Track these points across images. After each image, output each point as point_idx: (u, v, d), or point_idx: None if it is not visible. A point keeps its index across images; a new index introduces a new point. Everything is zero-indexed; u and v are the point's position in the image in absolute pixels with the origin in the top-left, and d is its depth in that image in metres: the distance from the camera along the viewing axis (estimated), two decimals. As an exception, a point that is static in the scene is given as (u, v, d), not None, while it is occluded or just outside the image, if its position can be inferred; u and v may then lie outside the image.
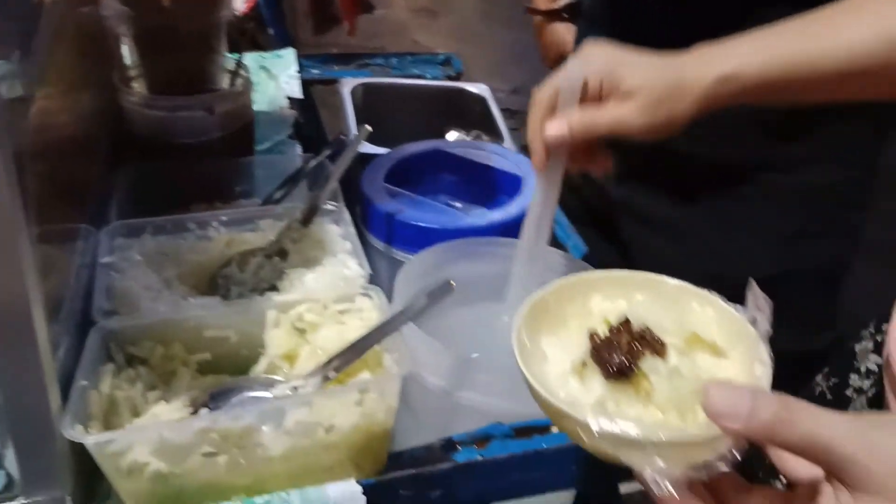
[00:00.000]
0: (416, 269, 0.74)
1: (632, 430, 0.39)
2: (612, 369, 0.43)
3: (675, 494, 0.38)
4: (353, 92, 1.13)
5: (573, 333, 0.48)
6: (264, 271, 0.70)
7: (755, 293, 0.45)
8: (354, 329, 0.63)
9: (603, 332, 0.46)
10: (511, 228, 0.82)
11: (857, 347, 0.67)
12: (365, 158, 0.93)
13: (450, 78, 1.31)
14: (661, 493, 0.39)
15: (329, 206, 0.76)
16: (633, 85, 0.61)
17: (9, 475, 0.52)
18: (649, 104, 0.61)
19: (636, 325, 0.45)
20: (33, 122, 0.57)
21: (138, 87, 0.90)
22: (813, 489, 0.39)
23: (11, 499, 0.51)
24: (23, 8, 0.56)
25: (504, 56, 3.23)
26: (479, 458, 0.59)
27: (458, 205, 0.94)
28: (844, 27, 0.62)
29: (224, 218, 0.74)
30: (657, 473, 0.39)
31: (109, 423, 0.55)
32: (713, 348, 0.46)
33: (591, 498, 0.66)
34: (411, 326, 0.63)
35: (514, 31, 3.68)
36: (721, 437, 0.39)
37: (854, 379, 0.67)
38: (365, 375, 0.60)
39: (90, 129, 0.79)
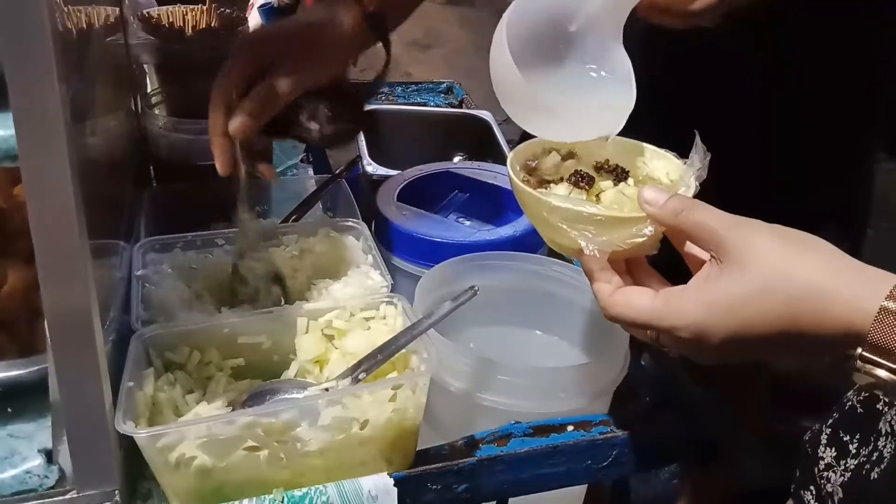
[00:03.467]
0: (433, 280, 0.78)
1: (578, 205, 0.54)
2: (574, 177, 0.59)
3: (597, 255, 0.53)
4: (363, 118, 1.18)
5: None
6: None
7: (697, 145, 0.57)
8: (380, 334, 0.66)
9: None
10: (519, 243, 0.87)
11: None
12: (377, 179, 0.97)
13: (451, 105, 1.36)
14: (588, 254, 0.53)
15: (350, 223, 0.81)
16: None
17: (62, 470, 0.55)
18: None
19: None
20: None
21: (160, 112, 0.94)
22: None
23: (64, 493, 0.54)
24: (77, 37, 0.60)
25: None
26: (501, 453, 0.63)
27: (468, 222, 0.98)
28: None
29: (250, 234, 0.78)
30: (590, 241, 0.53)
31: (154, 422, 0.58)
32: (658, 183, 0.61)
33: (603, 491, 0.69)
34: (435, 333, 0.66)
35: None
36: (643, 218, 0.53)
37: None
38: (394, 376, 0.63)
39: (119, 151, 0.83)
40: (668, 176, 0.62)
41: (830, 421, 0.69)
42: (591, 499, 0.81)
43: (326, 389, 0.61)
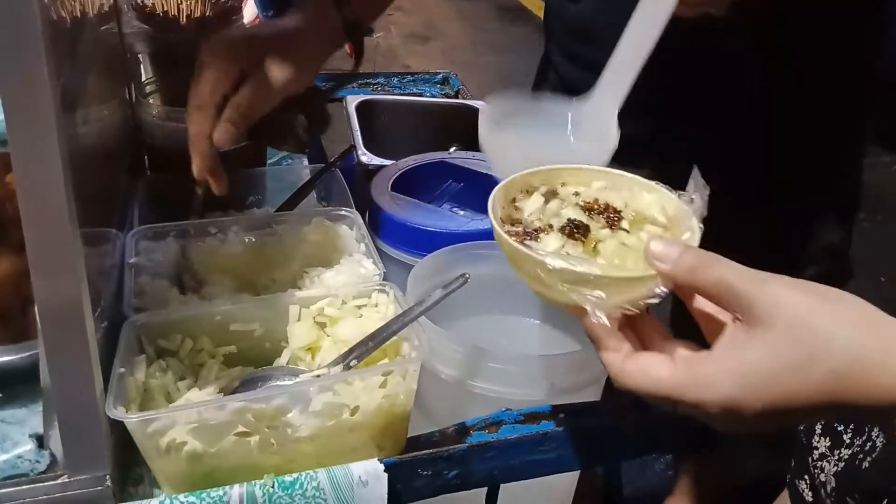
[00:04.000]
0: (426, 269, 0.78)
1: (580, 265, 0.48)
2: (568, 228, 0.52)
3: (606, 322, 0.47)
4: (359, 108, 1.18)
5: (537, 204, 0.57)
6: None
7: (696, 180, 0.53)
8: (372, 322, 0.66)
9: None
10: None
11: None
12: (372, 169, 0.97)
13: (447, 96, 1.36)
14: (596, 321, 0.47)
15: (343, 212, 0.81)
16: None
17: (53, 455, 0.55)
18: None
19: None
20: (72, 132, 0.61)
21: (154, 101, 0.94)
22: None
23: (55, 477, 0.54)
24: (70, 25, 0.60)
25: (494, 80, 3.31)
26: (492, 439, 0.63)
27: (461, 212, 0.98)
28: None
29: (244, 223, 0.78)
30: (596, 306, 0.47)
31: (145, 408, 0.58)
32: (654, 222, 0.55)
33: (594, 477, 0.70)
34: (426, 321, 0.67)
35: (503, 57, 3.77)
36: (653, 277, 0.47)
37: None
38: (385, 363, 0.63)
39: (112, 139, 0.83)
40: (663, 212, 0.56)
41: None
42: (582, 487, 0.81)
43: (318, 376, 0.61)
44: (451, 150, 1.23)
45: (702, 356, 0.46)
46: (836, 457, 0.76)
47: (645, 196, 0.57)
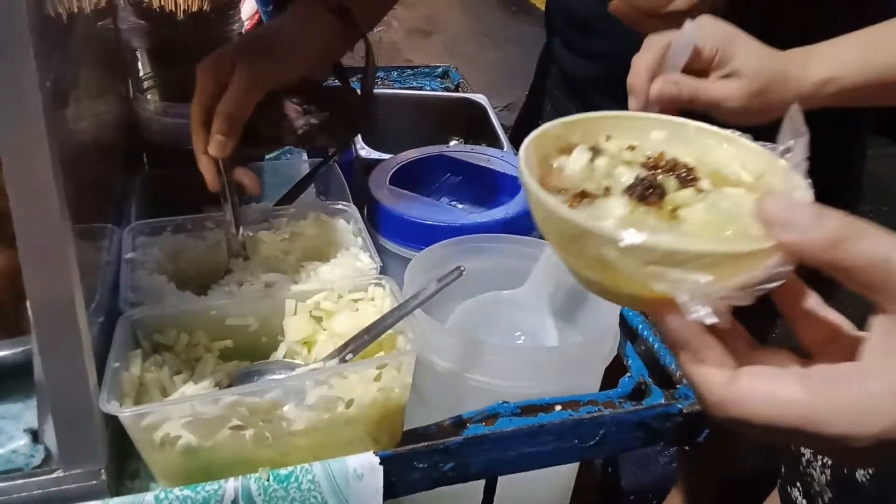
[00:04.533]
0: (424, 262, 0.78)
1: (674, 240, 0.33)
2: (638, 188, 0.39)
3: (711, 319, 0.34)
4: (357, 102, 1.17)
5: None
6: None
7: (794, 122, 0.40)
8: (368, 316, 0.66)
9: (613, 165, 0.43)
10: (511, 226, 0.86)
11: None
12: (371, 163, 0.97)
13: (447, 90, 1.36)
14: (695, 318, 0.34)
15: (340, 206, 0.81)
16: (742, 66, 0.64)
17: (47, 450, 0.55)
18: (753, 90, 0.64)
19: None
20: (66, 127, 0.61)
21: (152, 96, 0.94)
22: (837, 348, 0.37)
23: (50, 472, 0.54)
24: (58, 19, 0.60)
25: (496, 74, 3.30)
26: (488, 432, 0.63)
27: (460, 205, 0.98)
28: None
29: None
30: (695, 295, 0.34)
31: (140, 402, 0.58)
32: (737, 183, 0.42)
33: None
34: (422, 314, 0.66)
35: (505, 50, 3.76)
36: (771, 251, 0.34)
37: None
38: (380, 355, 0.63)
39: (109, 134, 0.83)
40: (745, 168, 0.43)
41: None
42: (582, 479, 0.81)
43: (313, 370, 0.61)
44: (452, 143, 1.23)
45: (847, 371, 0.34)
46: (821, 462, 0.74)
47: (721, 149, 0.45)
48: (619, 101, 0.67)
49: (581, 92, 1.12)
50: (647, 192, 0.39)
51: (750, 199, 0.40)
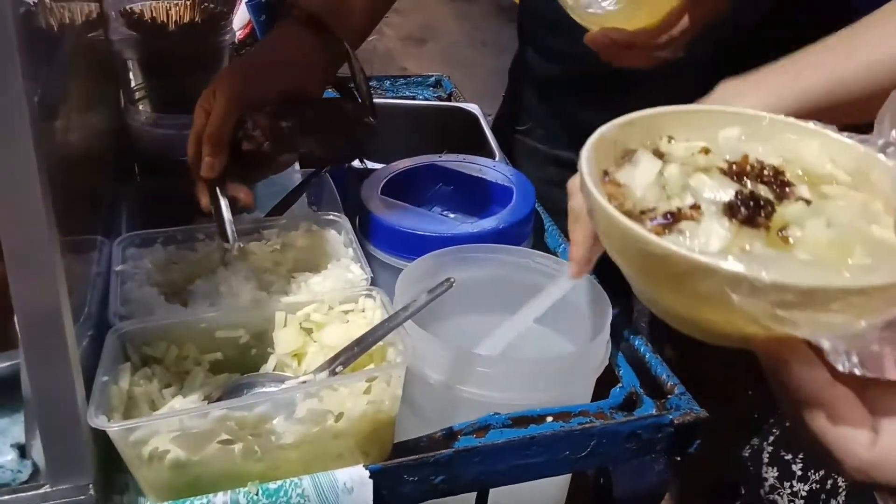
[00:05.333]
0: (415, 273, 0.77)
1: (818, 278, 0.28)
2: (742, 208, 0.33)
3: (860, 371, 0.28)
4: (349, 112, 1.17)
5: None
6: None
7: (893, 109, 0.35)
8: (359, 328, 0.66)
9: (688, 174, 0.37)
10: (503, 236, 0.86)
11: None
12: (363, 173, 0.97)
13: (440, 99, 1.36)
14: (844, 368, 0.29)
15: (332, 216, 0.80)
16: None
17: (35, 465, 0.55)
18: None
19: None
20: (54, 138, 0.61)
21: (143, 107, 0.94)
22: None
23: (37, 487, 0.54)
24: (47, 31, 0.60)
25: (491, 81, 3.30)
26: (479, 444, 0.63)
27: (452, 215, 0.98)
28: (864, 45, 0.60)
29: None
30: (840, 340, 0.29)
31: (129, 416, 0.58)
32: (833, 181, 0.37)
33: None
34: (412, 325, 0.66)
35: (500, 57, 3.77)
36: None
37: None
38: (370, 368, 0.63)
39: (100, 146, 0.83)
40: (835, 165, 0.38)
41: (771, 438, 0.66)
42: (575, 487, 0.81)
43: (303, 383, 0.61)
44: (442, 154, 1.23)
45: None
46: (790, 490, 0.72)
47: (804, 144, 0.39)
48: (600, 102, 0.68)
49: (557, 96, 1.13)
50: (754, 213, 0.33)
51: (862, 202, 0.34)
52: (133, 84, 0.95)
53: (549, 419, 0.67)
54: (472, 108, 1.25)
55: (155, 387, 0.61)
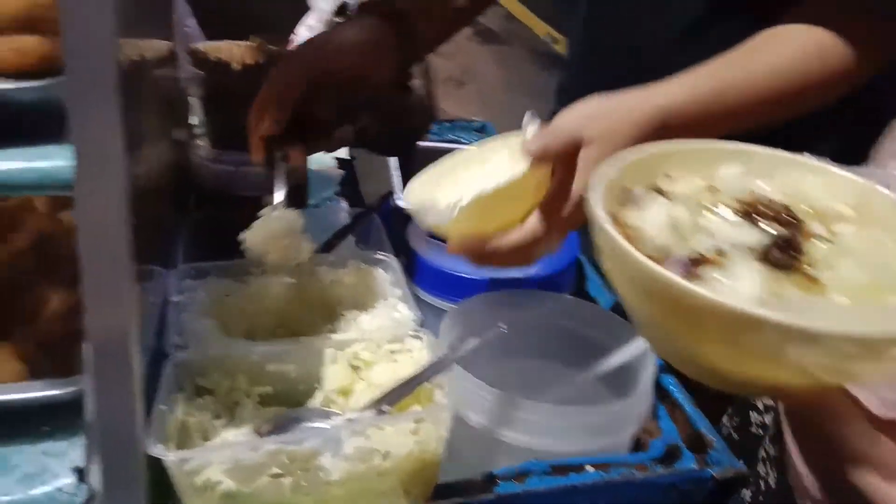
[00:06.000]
0: (460, 315, 0.79)
1: (880, 322, 0.27)
2: (775, 251, 0.32)
3: None
4: (397, 154, 1.20)
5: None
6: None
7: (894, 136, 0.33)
8: (406, 367, 0.68)
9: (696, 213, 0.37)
10: (548, 282, 0.88)
11: None
12: (409, 214, 0.99)
13: (484, 143, 1.39)
14: None
15: (380, 256, 0.82)
16: (589, 136, 0.66)
17: (91, 489, 0.57)
18: (604, 146, 0.65)
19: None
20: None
21: (203, 142, 0.97)
22: None
23: (94, 511, 0.56)
24: (135, 68, 0.63)
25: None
26: (520, 490, 0.63)
27: (496, 259, 0.99)
28: (764, 54, 0.70)
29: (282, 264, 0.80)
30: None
31: (183, 445, 0.59)
32: (838, 217, 0.37)
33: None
34: (458, 368, 0.67)
35: (536, 100, 3.82)
36: None
37: (754, 416, 0.70)
38: (417, 409, 0.64)
39: (163, 179, 0.86)
40: (837, 200, 0.38)
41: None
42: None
43: (350, 420, 0.62)
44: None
45: None
46: None
47: (807, 180, 0.39)
48: None
49: None
50: (788, 256, 0.32)
51: (875, 238, 0.34)
52: (194, 120, 0.99)
53: (590, 468, 0.67)
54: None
55: (207, 417, 0.63)
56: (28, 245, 0.69)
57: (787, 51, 0.70)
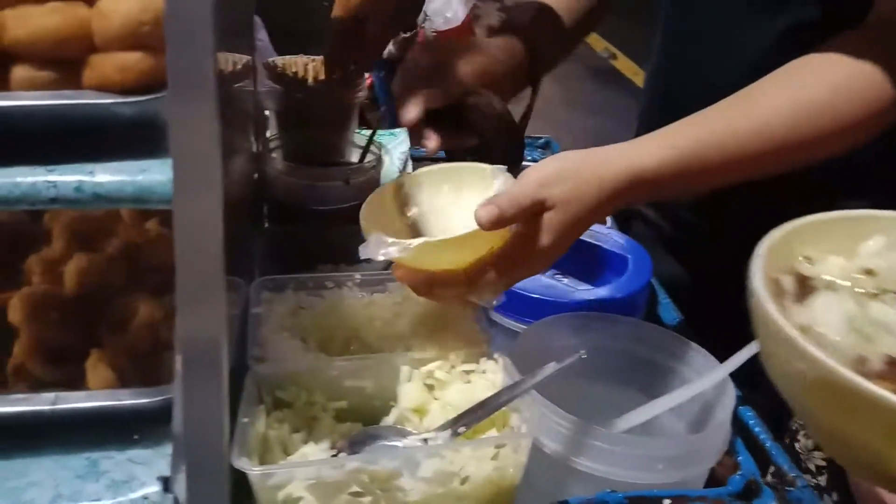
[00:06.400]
0: (534, 337, 0.78)
1: None
2: None
3: None
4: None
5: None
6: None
7: None
8: (480, 389, 0.67)
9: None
10: (619, 305, 0.86)
11: None
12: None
13: (549, 161, 1.38)
14: None
15: (453, 273, 0.82)
16: (553, 199, 0.65)
17: (176, 499, 0.58)
18: (569, 209, 0.65)
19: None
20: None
21: (277, 156, 0.99)
22: None
23: (177, 520, 0.57)
24: (228, 82, 0.64)
25: (587, 142, 3.32)
26: (598, 521, 0.62)
27: (565, 279, 0.99)
28: (761, 101, 0.67)
29: (357, 279, 0.80)
30: None
31: (264, 459, 0.60)
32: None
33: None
34: (534, 393, 0.67)
35: (595, 117, 3.79)
36: None
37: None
38: (493, 433, 0.64)
39: (243, 192, 0.87)
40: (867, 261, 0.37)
41: None
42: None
43: (426, 440, 0.62)
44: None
45: None
46: None
47: (835, 246, 0.38)
48: None
49: None
50: None
51: None
52: (269, 134, 1.00)
53: (667, 502, 0.66)
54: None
55: (286, 430, 0.63)
56: (117, 254, 0.71)
57: (795, 94, 0.67)
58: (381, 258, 0.64)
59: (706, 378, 0.74)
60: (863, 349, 0.32)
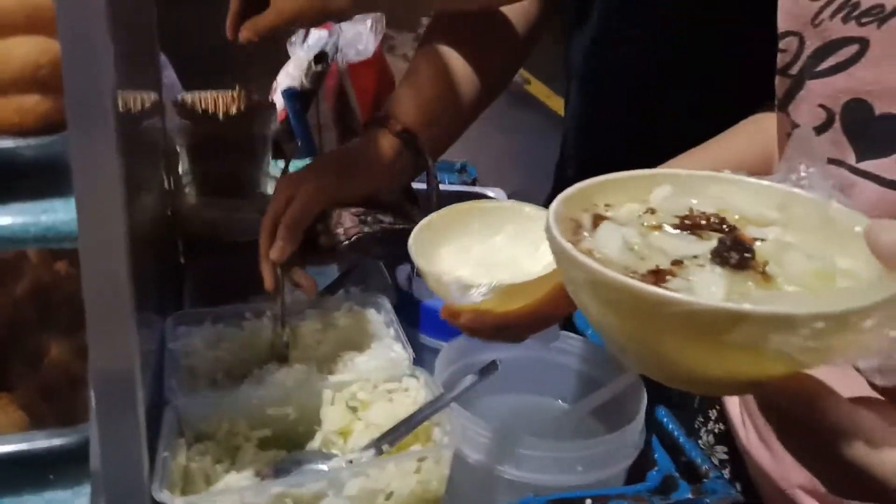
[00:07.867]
0: (453, 353, 0.80)
1: (846, 300, 0.30)
2: (732, 253, 0.35)
3: None
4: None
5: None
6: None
7: (802, 143, 0.38)
8: (403, 406, 0.69)
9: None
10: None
11: None
12: (399, 256, 1.01)
13: (465, 183, 1.42)
14: (886, 384, 0.32)
15: (371, 296, 0.84)
16: None
17: (98, 537, 0.57)
18: None
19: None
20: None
21: (190, 191, 0.98)
22: None
23: (99, 561, 0.55)
24: (131, 119, 0.64)
25: (501, 161, 3.39)
26: (521, 526, 0.64)
27: (485, 297, 1.01)
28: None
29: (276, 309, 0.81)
30: (878, 356, 0.31)
31: (187, 490, 0.60)
32: (767, 222, 0.40)
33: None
34: (455, 405, 0.68)
35: (510, 136, 3.88)
36: None
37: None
38: (417, 448, 0.65)
39: (154, 228, 0.87)
40: (765, 208, 0.41)
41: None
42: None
43: (351, 461, 0.63)
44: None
45: None
46: None
47: (731, 192, 0.42)
48: None
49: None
50: (743, 256, 0.35)
51: (809, 235, 0.38)
52: (181, 170, 1.00)
53: (588, 502, 0.68)
54: (497, 192, 1.30)
55: (209, 462, 0.63)
56: (26, 294, 0.70)
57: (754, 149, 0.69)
58: (464, 303, 0.61)
59: (619, 380, 0.77)
60: (634, 265, 0.37)
